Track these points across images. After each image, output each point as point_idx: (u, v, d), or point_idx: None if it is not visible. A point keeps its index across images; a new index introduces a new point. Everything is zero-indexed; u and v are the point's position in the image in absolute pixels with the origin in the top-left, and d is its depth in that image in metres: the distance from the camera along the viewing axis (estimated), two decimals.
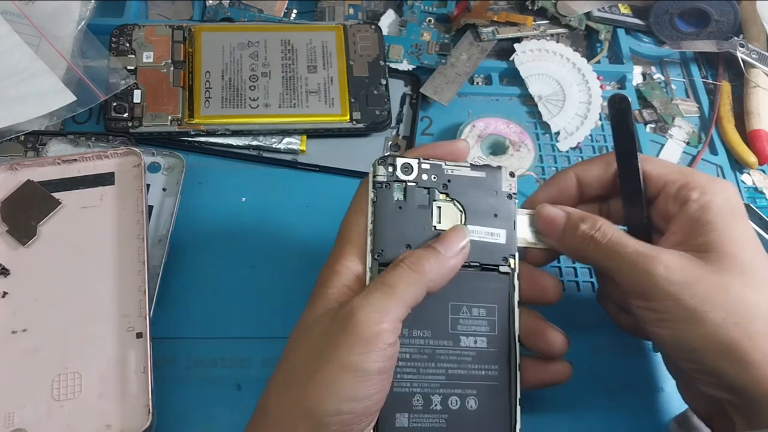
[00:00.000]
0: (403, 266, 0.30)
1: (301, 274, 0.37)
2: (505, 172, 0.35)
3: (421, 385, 0.31)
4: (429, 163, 0.34)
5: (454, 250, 0.31)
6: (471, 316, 0.33)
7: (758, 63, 0.55)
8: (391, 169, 0.33)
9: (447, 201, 0.33)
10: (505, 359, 0.33)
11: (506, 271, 0.34)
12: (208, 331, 0.42)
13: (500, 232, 0.34)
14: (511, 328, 0.33)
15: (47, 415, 0.36)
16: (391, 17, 0.56)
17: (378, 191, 0.33)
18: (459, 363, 0.32)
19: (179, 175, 0.45)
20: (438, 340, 0.32)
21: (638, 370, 0.43)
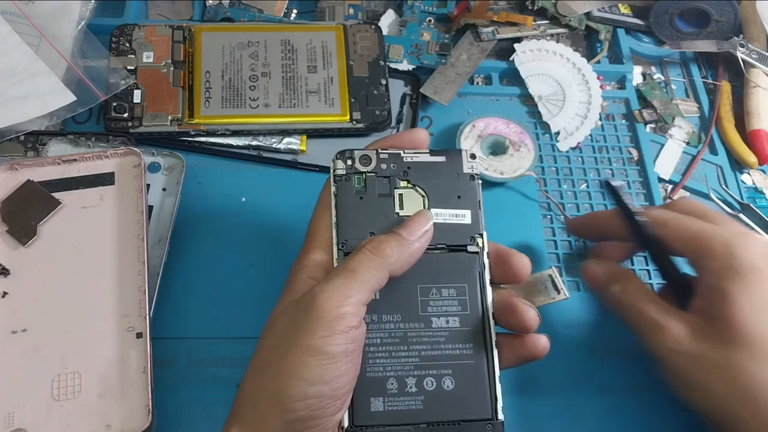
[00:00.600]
0: (364, 251, 0.31)
1: None
2: (466, 154, 0.35)
3: (395, 368, 0.32)
4: (387, 153, 0.34)
5: (417, 234, 0.32)
6: (441, 297, 0.33)
7: (758, 63, 0.55)
8: (350, 162, 0.34)
9: (408, 187, 0.34)
10: (480, 337, 0.33)
11: (474, 251, 0.34)
12: (208, 331, 0.42)
13: (465, 213, 0.34)
14: (484, 307, 0.33)
15: (47, 415, 0.36)
16: (391, 17, 0.56)
17: (338, 184, 0.34)
18: (432, 344, 0.32)
19: (179, 175, 0.45)
20: (409, 323, 0.32)
21: (637, 370, 0.43)
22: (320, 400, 0.28)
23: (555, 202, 0.49)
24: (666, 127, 0.54)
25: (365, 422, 0.31)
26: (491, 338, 0.33)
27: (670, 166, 0.52)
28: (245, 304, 0.43)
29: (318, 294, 0.29)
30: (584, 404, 0.42)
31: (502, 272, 0.35)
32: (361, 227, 0.33)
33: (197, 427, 0.39)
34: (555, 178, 0.51)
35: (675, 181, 0.51)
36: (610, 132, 0.54)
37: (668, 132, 0.54)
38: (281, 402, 0.28)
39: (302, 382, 0.28)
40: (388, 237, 0.32)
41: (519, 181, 0.49)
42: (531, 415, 0.41)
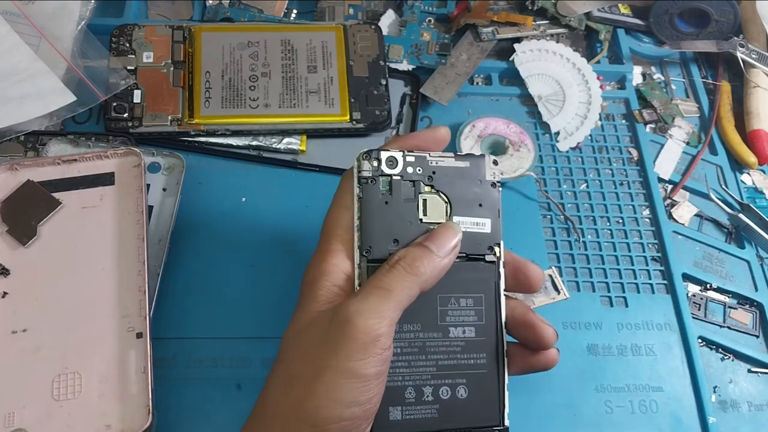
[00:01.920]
0: (399, 268, 0.30)
1: (300, 274, 0.37)
2: (489, 160, 0.34)
3: (413, 378, 0.32)
4: (414, 155, 0.33)
5: (447, 249, 0.31)
6: (459, 307, 0.33)
7: (758, 63, 0.55)
8: (376, 163, 0.33)
9: (432, 193, 0.33)
10: (493, 347, 0.33)
11: (492, 260, 0.34)
12: (208, 331, 0.42)
13: (485, 222, 0.34)
14: (498, 317, 0.33)
15: (47, 415, 0.36)
16: (391, 17, 0.56)
17: (363, 187, 0.32)
18: (448, 354, 0.32)
19: (179, 175, 0.45)
20: (428, 333, 0.32)
21: (636, 370, 0.43)
22: (353, 422, 0.28)
23: (555, 202, 0.49)
24: (666, 127, 0.54)
25: (384, 431, 0.31)
26: (503, 348, 0.33)
27: (670, 166, 0.52)
28: (245, 304, 0.43)
29: (355, 315, 0.28)
30: (584, 404, 0.42)
31: (517, 282, 0.35)
32: (385, 233, 0.32)
33: (197, 427, 0.39)
34: (555, 178, 0.51)
35: (675, 181, 0.51)
36: (610, 132, 0.54)
37: (668, 132, 0.54)
38: (315, 423, 0.28)
39: (337, 405, 0.28)
40: (421, 253, 0.31)
41: (519, 181, 0.49)
42: (531, 415, 0.41)
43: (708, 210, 0.51)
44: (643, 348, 0.44)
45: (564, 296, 0.43)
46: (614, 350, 0.44)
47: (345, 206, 0.33)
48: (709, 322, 0.46)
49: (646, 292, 0.47)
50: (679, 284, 0.47)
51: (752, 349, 0.45)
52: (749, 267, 0.49)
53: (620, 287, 0.47)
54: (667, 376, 0.43)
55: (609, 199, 0.50)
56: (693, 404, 0.42)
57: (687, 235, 0.49)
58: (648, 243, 0.48)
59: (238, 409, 0.39)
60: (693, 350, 0.44)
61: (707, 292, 0.47)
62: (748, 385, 0.44)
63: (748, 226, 0.49)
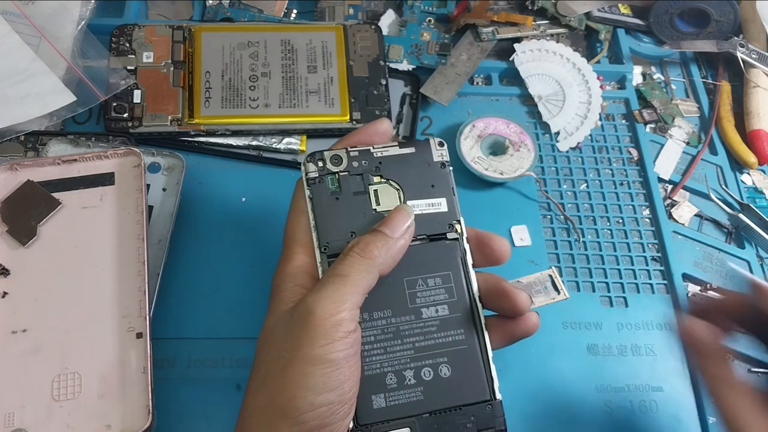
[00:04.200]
0: (353, 254, 0.31)
1: None
2: (434, 142, 0.35)
3: (392, 363, 0.32)
4: (357, 150, 0.34)
5: (401, 230, 0.32)
6: (428, 287, 0.33)
7: (758, 63, 0.55)
8: (321, 163, 0.34)
9: (382, 183, 0.34)
10: (470, 322, 0.33)
11: (454, 237, 0.34)
12: (208, 331, 0.42)
13: (441, 201, 0.34)
14: (470, 291, 0.34)
15: (47, 416, 0.36)
16: (391, 17, 0.56)
17: (312, 187, 0.34)
18: (425, 335, 0.33)
19: (179, 175, 0.45)
20: (400, 317, 0.33)
21: (636, 370, 0.43)
22: (329, 407, 0.28)
23: (555, 202, 0.49)
24: (666, 127, 0.54)
25: (369, 420, 0.31)
26: (481, 321, 0.33)
27: (670, 166, 0.52)
28: (245, 304, 0.43)
29: (313, 303, 0.29)
30: (584, 404, 0.42)
31: (484, 256, 0.35)
32: (341, 228, 0.33)
33: (197, 427, 0.39)
34: (555, 178, 0.51)
35: (675, 181, 0.51)
36: (610, 132, 0.54)
37: (668, 132, 0.54)
38: (290, 415, 0.28)
39: (308, 392, 0.28)
40: (374, 237, 0.32)
41: (519, 181, 0.49)
42: (531, 415, 0.41)
43: (708, 210, 0.51)
44: (643, 348, 0.44)
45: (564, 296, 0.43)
46: (614, 350, 0.44)
47: (300, 210, 0.34)
48: None
49: (646, 292, 0.47)
50: (679, 284, 0.47)
51: (752, 349, 0.45)
52: (749, 267, 0.49)
53: (620, 287, 0.47)
54: (667, 376, 0.43)
55: (609, 199, 0.50)
56: (693, 404, 0.42)
57: (687, 235, 0.49)
58: (648, 243, 0.48)
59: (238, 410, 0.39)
60: None
61: (707, 292, 0.47)
62: None
63: (748, 226, 0.49)
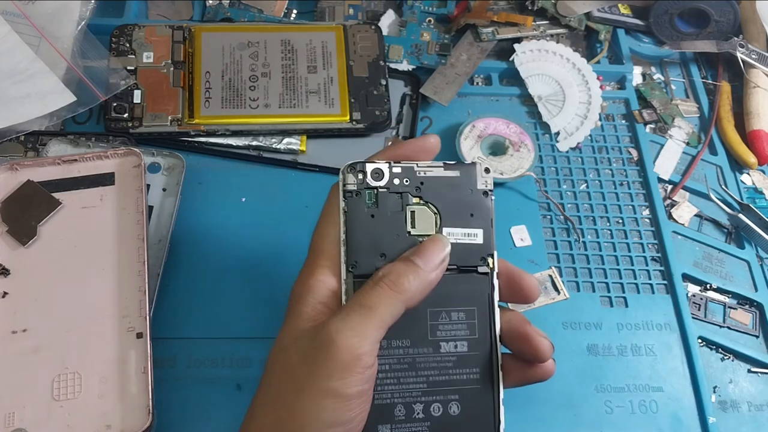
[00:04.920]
0: (382, 285, 0.29)
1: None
2: (480, 168, 0.33)
3: (403, 394, 0.31)
4: (400, 166, 0.32)
5: (434, 264, 0.30)
6: (450, 321, 0.32)
7: (758, 63, 0.55)
8: (361, 176, 0.32)
9: (421, 204, 0.32)
10: (487, 361, 0.32)
11: (485, 272, 0.32)
12: (208, 331, 0.42)
13: (477, 232, 0.32)
14: (492, 330, 0.32)
15: (47, 416, 0.36)
16: (391, 17, 0.56)
17: (349, 200, 0.32)
18: (440, 369, 0.31)
19: (179, 175, 0.45)
20: (418, 348, 0.31)
21: (636, 370, 0.43)
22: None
23: (555, 202, 0.49)
24: (666, 128, 0.54)
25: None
26: (497, 362, 0.32)
27: (669, 166, 0.52)
28: (245, 304, 0.43)
29: (336, 333, 0.28)
30: (584, 404, 0.42)
31: (512, 293, 0.33)
32: (371, 247, 0.31)
33: (197, 427, 0.39)
34: (555, 178, 0.51)
35: (675, 182, 0.51)
36: (610, 132, 0.54)
37: (668, 132, 0.54)
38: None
39: (319, 425, 0.27)
40: (406, 269, 0.30)
41: (519, 181, 0.49)
42: (531, 415, 0.41)
43: (708, 210, 0.51)
44: (643, 348, 0.44)
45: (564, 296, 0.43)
46: (614, 350, 0.44)
47: (331, 221, 0.32)
48: (709, 322, 0.46)
49: (646, 292, 0.47)
50: (679, 284, 0.47)
51: (752, 349, 0.45)
52: (749, 267, 0.49)
53: (620, 287, 0.47)
54: (667, 376, 0.43)
55: (609, 199, 0.50)
56: (693, 404, 0.42)
57: (687, 235, 0.49)
58: (648, 243, 0.48)
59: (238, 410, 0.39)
60: (693, 350, 0.44)
61: (707, 292, 0.47)
62: (748, 385, 0.44)
63: (748, 226, 0.49)
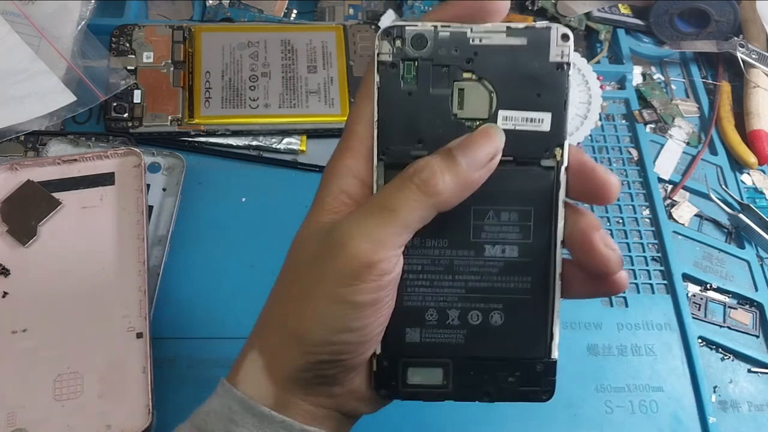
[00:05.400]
0: (410, 185, 0.25)
1: None
2: (556, 33, 0.26)
3: (435, 298, 0.27)
4: (449, 30, 0.26)
5: (479, 161, 0.25)
6: (499, 222, 0.27)
7: (758, 63, 0.55)
8: (399, 43, 0.26)
9: (473, 80, 0.26)
10: (542, 270, 0.27)
11: (549, 165, 0.27)
12: (208, 331, 0.42)
13: (544, 117, 0.26)
14: (552, 235, 0.27)
15: (47, 415, 0.36)
16: (391, 17, 0.56)
17: (383, 74, 0.26)
18: (482, 275, 0.27)
19: (179, 175, 0.45)
20: (456, 250, 0.27)
21: (636, 370, 0.43)
22: (345, 346, 0.25)
23: None
24: (666, 127, 0.54)
25: (398, 353, 0.27)
26: (555, 271, 0.27)
27: (670, 166, 0.52)
28: (245, 304, 0.43)
29: (347, 238, 0.24)
30: (584, 404, 0.42)
31: (583, 191, 0.27)
32: (407, 132, 0.26)
33: None
34: None
35: (675, 181, 0.51)
36: (610, 132, 0.54)
37: (668, 132, 0.54)
38: (303, 342, 0.26)
39: (326, 330, 0.25)
40: (442, 165, 0.25)
41: None
42: (531, 416, 0.41)
43: (708, 210, 0.51)
44: (643, 348, 0.44)
45: None
46: (614, 350, 0.44)
47: (367, 95, 0.27)
48: (709, 322, 0.46)
49: (646, 292, 0.47)
50: (679, 284, 0.47)
51: (752, 349, 0.45)
52: (749, 267, 0.49)
53: None
54: (667, 376, 0.43)
55: None
56: (693, 404, 0.42)
57: (687, 235, 0.49)
58: (648, 243, 0.48)
59: None
60: (693, 350, 0.44)
61: (707, 292, 0.47)
62: (748, 385, 0.44)
63: (748, 226, 0.49)
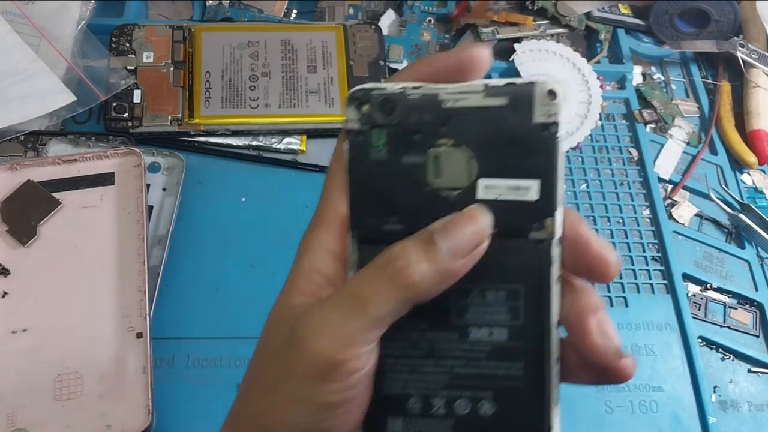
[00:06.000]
0: (383, 275, 0.22)
1: None
2: (540, 91, 0.22)
3: (418, 385, 0.25)
4: (419, 92, 0.23)
5: (463, 248, 0.22)
6: (485, 302, 0.24)
7: (758, 63, 0.55)
8: (367, 108, 0.23)
9: (449, 146, 0.23)
10: (536, 355, 0.24)
11: (540, 238, 0.23)
12: (208, 331, 0.42)
13: (530, 185, 0.23)
14: (546, 316, 0.24)
15: (47, 415, 0.36)
16: (391, 17, 0.56)
17: (351, 142, 0.23)
18: (468, 360, 0.24)
19: (179, 175, 0.45)
20: (438, 333, 0.24)
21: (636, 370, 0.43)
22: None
23: None
24: (666, 127, 0.54)
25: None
26: (551, 356, 0.24)
27: (670, 166, 0.52)
28: (245, 304, 0.43)
29: (310, 334, 0.22)
30: (584, 404, 0.42)
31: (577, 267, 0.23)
32: (380, 204, 0.23)
33: (197, 427, 0.39)
34: None
35: (675, 181, 0.51)
36: (610, 132, 0.54)
37: (668, 132, 0.54)
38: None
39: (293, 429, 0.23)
40: (419, 252, 0.21)
41: None
42: None
43: (708, 210, 0.51)
44: (643, 348, 0.44)
45: None
46: None
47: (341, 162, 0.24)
48: (709, 322, 0.46)
49: (646, 292, 0.47)
50: (679, 284, 0.46)
51: (752, 349, 0.45)
52: (749, 267, 0.49)
53: (620, 287, 0.46)
54: (667, 376, 0.43)
55: (609, 199, 0.50)
56: (693, 404, 0.42)
57: (687, 235, 0.49)
58: (648, 243, 0.48)
59: None
60: (693, 350, 0.44)
61: (707, 292, 0.47)
62: (748, 385, 0.44)
63: (748, 226, 0.49)
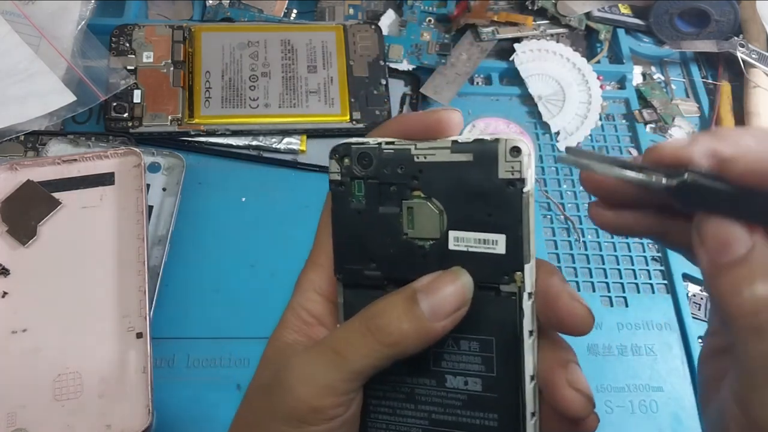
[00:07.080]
0: (365, 331, 0.23)
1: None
2: (503, 148, 0.23)
3: (398, 428, 0.26)
4: (392, 148, 0.25)
5: (444, 310, 0.22)
6: (459, 351, 0.25)
7: (758, 63, 0.55)
8: (347, 161, 0.26)
9: (421, 199, 0.25)
10: (510, 408, 0.24)
11: (510, 291, 0.24)
12: (208, 331, 0.42)
13: (497, 238, 0.24)
14: (518, 369, 0.24)
15: (47, 415, 0.36)
16: (391, 17, 0.56)
17: (334, 192, 0.26)
18: (445, 407, 0.25)
19: (179, 175, 0.45)
20: (416, 378, 0.25)
21: (636, 370, 0.43)
22: None
23: (555, 202, 0.49)
24: (666, 127, 0.54)
25: None
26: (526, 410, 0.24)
27: None
28: (245, 304, 0.43)
29: (293, 381, 0.23)
30: None
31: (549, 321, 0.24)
32: (360, 251, 0.25)
33: (197, 427, 0.39)
34: (555, 178, 0.51)
35: None
36: (610, 132, 0.54)
37: (668, 132, 0.54)
38: None
39: None
40: (401, 311, 0.22)
41: None
42: None
43: None
44: (643, 348, 0.44)
45: None
46: (614, 350, 0.44)
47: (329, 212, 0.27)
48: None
49: (646, 292, 0.47)
50: (679, 284, 0.46)
51: None
52: None
53: (620, 287, 0.47)
54: (667, 376, 0.43)
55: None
56: (693, 404, 0.42)
57: None
58: (648, 243, 0.48)
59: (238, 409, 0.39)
60: (693, 350, 0.44)
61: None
62: None
63: None
